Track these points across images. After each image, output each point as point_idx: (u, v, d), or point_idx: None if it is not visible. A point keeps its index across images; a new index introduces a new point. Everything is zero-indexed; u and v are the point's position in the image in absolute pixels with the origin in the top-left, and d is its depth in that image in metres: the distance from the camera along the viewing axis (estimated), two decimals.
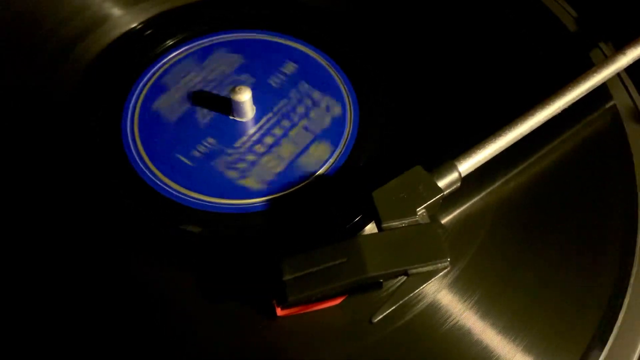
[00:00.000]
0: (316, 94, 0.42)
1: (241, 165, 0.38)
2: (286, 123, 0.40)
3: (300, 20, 0.46)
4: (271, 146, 0.39)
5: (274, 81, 0.42)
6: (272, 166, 0.38)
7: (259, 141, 0.39)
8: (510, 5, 0.48)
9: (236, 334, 0.32)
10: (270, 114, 0.41)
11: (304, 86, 0.42)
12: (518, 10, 0.48)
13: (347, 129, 0.40)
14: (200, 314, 0.33)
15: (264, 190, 0.37)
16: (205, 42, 0.45)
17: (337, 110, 0.41)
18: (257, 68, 0.43)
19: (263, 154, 0.39)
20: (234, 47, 0.44)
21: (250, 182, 0.37)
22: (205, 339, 0.32)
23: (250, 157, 0.39)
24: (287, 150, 0.39)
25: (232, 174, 0.38)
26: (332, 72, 0.43)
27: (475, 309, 0.33)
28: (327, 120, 0.40)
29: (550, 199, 0.38)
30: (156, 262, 0.34)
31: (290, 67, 0.43)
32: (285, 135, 0.40)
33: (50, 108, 0.41)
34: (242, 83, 0.42)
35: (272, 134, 0.40)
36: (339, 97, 0.41)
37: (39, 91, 0.42)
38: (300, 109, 0.41)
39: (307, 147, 0.39)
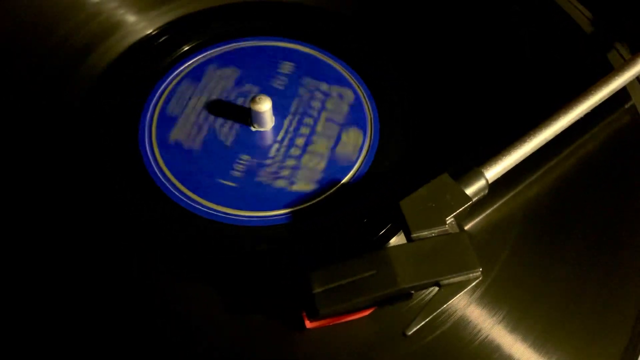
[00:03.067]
0: (324, 86, 0.42)
1: (285, 172, 0.38)
2: (309, 120, 0.40)
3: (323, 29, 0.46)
4: (305, 146, 0.39)
5: (278, 83, 0.42)
6: (315, 164, 0.38)
7: (292, 144, 0.39)
8: (526, 9, 0.48)
9: (266, 347, 0.32)
10: (290, 116, 0.40)
11: (309, 81, 0.42)
12: (534, 14, 0.48)
13: (368, 114, 0.41)
14: (229, 327, 0.32)
15: (317, 190, 0.37)
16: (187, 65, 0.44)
17: (350, 96, 0.41)
18: (255, 75, 0.43)
19: (301, 155, 0.39)
20: (226, 59, 0.44)
21: (301, 186, 0.37)
22: (235, 352, 0.32)
23: (291, 162, 0.38)
24: (322, 146, 0.39)
25: (281, 183, 0.38)
26: (333, 63, 0.43)
27: (505, 323, 0.32)
28: (345, 108, 0.41)
29: (573, 203, 0.37)
30: (185, 276, 0.34)
31: (287, 67, 0.43)
32: (313, 132, 0.40)
33: (65, 117, 0.40)
34: (248, 93, 0.41)
35: (301, 134, 0.40)
36: (347, 84, 0.41)
37: (53, 99, 0.41)
38: (316, 104, 0.41)
39: (339, 138, 0.39)
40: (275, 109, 0.40)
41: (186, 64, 0.43)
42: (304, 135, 0.40)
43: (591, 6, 0.48)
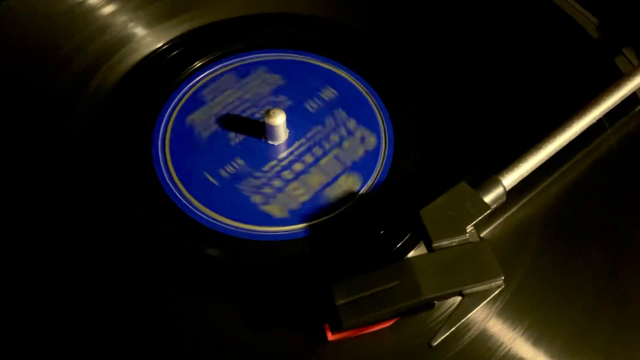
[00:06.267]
0: (352, 124, 0.41)
1: (267, 190, 0.38)
2: (318, 151, 0.40)
3: (339, 43, 0.46)
4: (299, 173, 0.38)
5: (311, 106, 0.42)
6: (298, 194, 0.37)
7: (288, 167, 0.39)
8: (533, 17, 0.48)
9: None
10: (303, 140, 0.40)
11: (341, 114, 0.41)
12: (541, 21, 0.48)
13: (380, 162, 0.39)
14: (250, 341, 0.32)
15: (286, 219, 0.36)
16: (238, 61, 0.44)
17: (371, 141, 0.40)
18: (295, 91, 0.42)
19: (290, 180, 0.38)
20: (273, 67, 0.44)
21: (274, 210, 0.37)
22: None
23: (277, 183, 0.38)
24: (315, 180, 0.38)
25: (256, 199, 0.37)
26: (371, 100, 0.42)
27: (527, 336, 0.32)
28: (360, 152, 0.39)
29: (589, 208, 0.37)
30: (190, 290, 0.34)
31: (328, 93, 0.42)
32: (315, 163, 0.39)
33: (76, 132, 0.40)
34: (278, 105, 0.41)
35: (303, 160, 0.39)
36: (375, 128, 0.40)
37: (64, 113, 0.41)
38: (334, 138, 0.40)
39: (336, 178, 0.38)
40: (294, 128, 0.40)
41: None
42: (305, 163, 0.39)
43: (597, 12, 0.49)
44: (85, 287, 0.34)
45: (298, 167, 0.39)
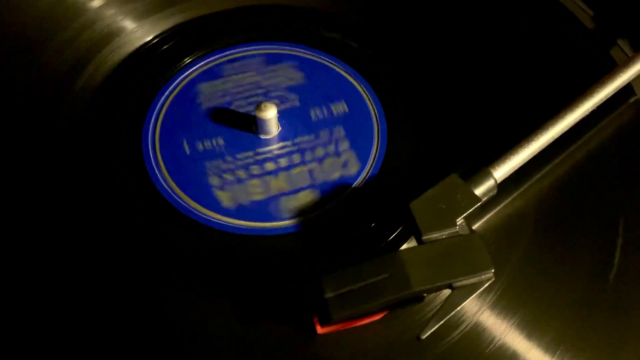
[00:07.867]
0: (344, 145, 0.39)
1: (228, 176, 0.37)
2: (296, 158, 0.39)
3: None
4: (267, 173, 0.38)
5: (316, 114, 0.41)
6: (254, 192, 0.37)
7: (260, 163, 0.38)
8: (528, 9, 0.48)
9: (277, 353, 0.32)
10: (289, 142, 0.39)
11: (339, 132, 0.40)
12: (537, 12, 0.48)
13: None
14: (239, 334, 0.32)
15: (231, 210, 0.36)
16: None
17: (352, 170, 0.38)
18: (310, 93, 0.42)
19: (254, 176, 0.38)
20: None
21: (224, 197, 0.37)
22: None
23: (241, 174, 0.38)
24: (276, 185, 0.37)
25: (214, 181, 0.37)
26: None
27: (520, 329, 0.32)
28: (335, 175, 0.38)
29: (582, 200, 0.37)
30: (185, 287, 0.34)
31: (339, 108, 0.41)
32: (287, 169, 0.38)
33: (66, 127, 0.40)
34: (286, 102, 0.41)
35: (277, 162, 0.38)
36: (364, 156, 0.39)
37: (53, 109, 0.41)
38: (319, 152, 0.39)
39: (296, 191, 0.37)
40: (286, 128, 0.40)
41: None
42: (278, 165, 0.38)
43: (592, 3, 0.48)
44: (72, 276, 0.34)
45: (269, 166, 0.38)
